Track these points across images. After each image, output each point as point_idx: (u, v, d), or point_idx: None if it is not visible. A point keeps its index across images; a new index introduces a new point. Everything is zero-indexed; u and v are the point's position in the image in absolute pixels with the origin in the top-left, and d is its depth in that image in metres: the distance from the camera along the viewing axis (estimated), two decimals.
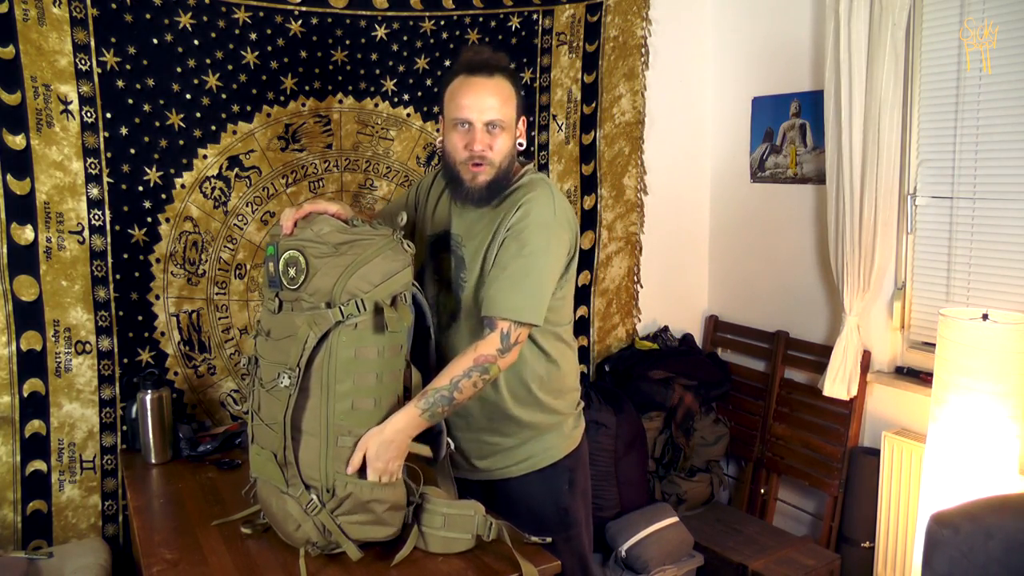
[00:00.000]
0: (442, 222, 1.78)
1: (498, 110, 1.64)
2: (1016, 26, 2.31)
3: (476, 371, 1.57)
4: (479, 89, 1.64)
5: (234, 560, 1.55)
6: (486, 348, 1.58)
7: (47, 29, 2.10)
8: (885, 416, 2.71)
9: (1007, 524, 1.81)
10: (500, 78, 1.66)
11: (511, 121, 1.67)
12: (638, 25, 3.01)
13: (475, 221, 1.72)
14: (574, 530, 1.81)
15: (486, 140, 1.64)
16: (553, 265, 1.65)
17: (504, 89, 1.66)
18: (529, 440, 1.77)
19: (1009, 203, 2.38)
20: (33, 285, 2.16)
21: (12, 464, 2.17)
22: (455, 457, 1.77)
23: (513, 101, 1.67)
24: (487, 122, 1.64)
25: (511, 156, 1.69)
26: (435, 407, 1.55)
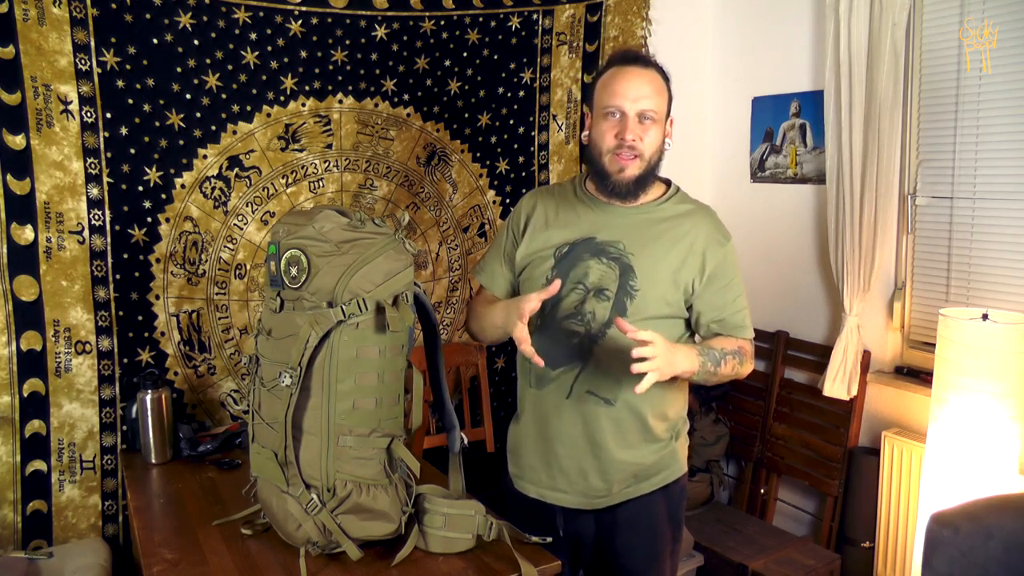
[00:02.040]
0: (578, 229, 1.69)
1: (652, 100, 1.61)
2: (1016, 26, 2.31)
3: (738, 356, 1.68)
4: (634, 78, 1.61)
5: (234, 560, 1.55)
6: (748, 346, 1.72)
7: (47, 29, 2.10)
8: (885, 416, 2.71)
9: (1007, 524, 1.81)
10: (655, 72, 1.64)
11: (662, 114, 1.65)
12: (638, 25, 3.01)
13: (640, 232, 1.66)
14: (678, 545, 1.82)
15: (637, 130, 1.61)
16: None
17: (657, 81, 1.64)
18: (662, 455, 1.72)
19: (1009, 203, 2.38)
20: (33, 285, 2.16)
21: (12, 464, 2.17)
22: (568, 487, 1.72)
23: (665, 95, 1.65)
24: (640, 112, 1.60)
25: (660, 151, 1.66)
26: (708, 361, 1.61)
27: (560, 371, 1.67)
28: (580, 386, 1.66)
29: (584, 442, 1.68)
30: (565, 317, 1.66)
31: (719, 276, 1.69)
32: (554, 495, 1.74)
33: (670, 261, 1.65)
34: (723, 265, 1.70)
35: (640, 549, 1.74)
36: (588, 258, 1.65)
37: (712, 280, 1.68)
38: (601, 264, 1.64)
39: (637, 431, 1.68)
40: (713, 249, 1.68)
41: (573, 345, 1.66)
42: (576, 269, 1.66)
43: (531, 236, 1.74)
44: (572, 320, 1.66)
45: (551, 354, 1.62)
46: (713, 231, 1.71)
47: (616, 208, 1.69)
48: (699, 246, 1.67)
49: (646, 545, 1.74)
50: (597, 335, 1.64)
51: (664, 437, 1.73)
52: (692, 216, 1.71)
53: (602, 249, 1.65)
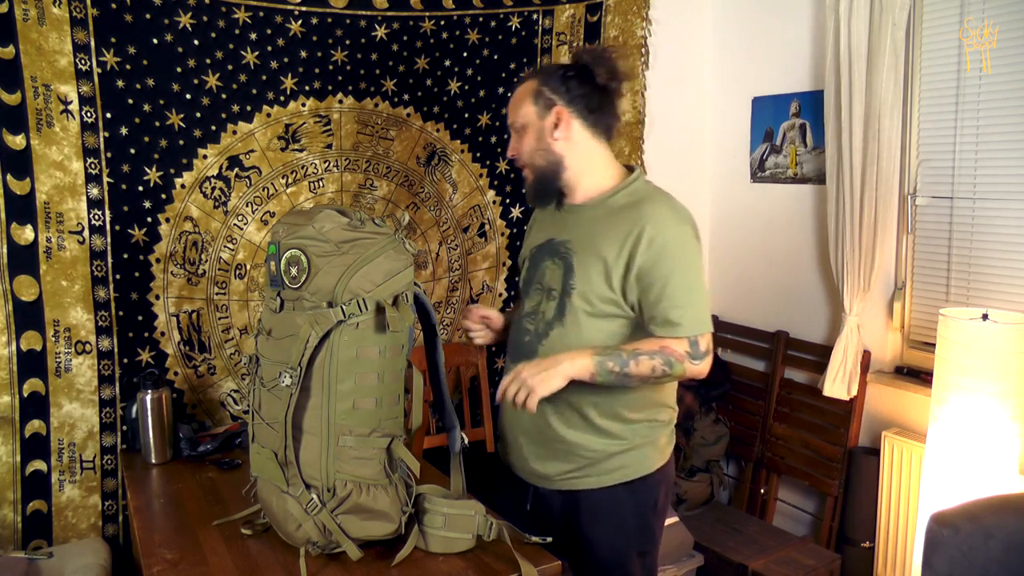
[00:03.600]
0: (543, 232, 1.78)
1: (512, 112, 1.72)
2: (1016, 26, 2.31)
3: (659, 357, 1.58)
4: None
5: (234, 560, 1.55)
6: (675, 345, 1.59)
7: (47, 29, 2.10)
8: (885, 416, 2.71)
9: (1007, 524, 1.81)
10: (526, 82, 1.71)
11: (527, 119, 1.69)
12: (638, 25, 3.01)
13: (587, 229, 1.68)
14: (650, 546, 1.79)
15: (513, 143, 1.74)
16: (700, 271, 1.65)
17: (521, 91, 1.70)
18: (625, 450, 1.71)
19: (1009, 203, 2.38)
20: (33, 285, 2.16)
21: (12, 464, 2.17)
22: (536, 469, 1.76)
23: (528, 101, 1.68)
24: (511, 125, 1.74)
25: (541, 152, 1.69)
26: (609, 363, 1.55)
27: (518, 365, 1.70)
28: None
29: (535, 429, 1.74)
30: (525, 316, 1.76)
31: (652, 268, 1.59)
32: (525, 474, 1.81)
33: (605, 256, 1.62)
34: (661, 255, 1.59)
35: (604, 542, 1.74)
36: (547, 259, 1.73)
37: (644, 272, 1.60)
38: (553, 264, 1.71)
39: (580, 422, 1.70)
40: (649, 238, 1.59)
41: (526, 342, 1.74)
42: (538, 270, 1.75)
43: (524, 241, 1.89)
44: (529, 319, 1.75)
45: (513, 349, 1.77)
46: (650, 222, 1.60)
47: (573, 207, 1.74)
48: (631, 238, 1.60)
49: (609, 539, 1.74)
50: (542, 334, 1.71)
51: (623, 436, 1.70)
52: (641, 205, 1.65)
53: (555, 249, 1.72)
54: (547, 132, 1.68)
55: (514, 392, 1.55)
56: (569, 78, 1.67)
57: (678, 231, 1.62)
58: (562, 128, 1.67)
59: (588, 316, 1.65)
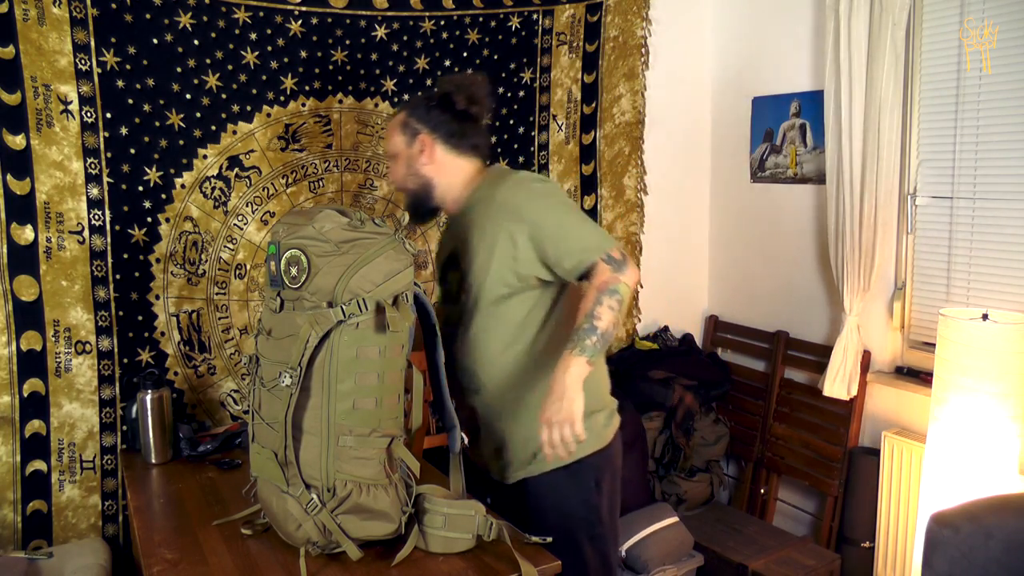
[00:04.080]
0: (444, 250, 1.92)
1: (385, 144, 1.89)
2: (1016, 26, 2.31)
3: (605, 296, 1.63)
4: None
5: (234, 560, 1.55)
6: (600, 277, 1.64)
7: (47, 29, 2.10)
8: (885, 416, 2.71)
9: (1007, 524, 1.81)
10: (396, 115, 1.85)
11: (397, 148, 1.83)
12: (638, 25, 3.01)
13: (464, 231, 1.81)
14: (598, 529, 1.83)
15: (391, 170, 1.88)
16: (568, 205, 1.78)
17: (392, 124, 1.85)
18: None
19: (1009, 203, 2.38)
20: (33, 285, 2.16)
21: (12, 464, 2.17)
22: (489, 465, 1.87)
23: (396, 131, 1.83)
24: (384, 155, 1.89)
25: (411, 176, 1.83)
26: (584, 341, 1.60)
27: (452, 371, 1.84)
28: (459, 381, 1.84)
29: (475, 424, 1.85)
30: (447, 324, 1.84)
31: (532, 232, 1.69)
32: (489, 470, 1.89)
33: (485, 247, 1.74)
34: (529, 216, 1.70)
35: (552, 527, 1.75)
36: (449, 267, 1.87)
37: (530, 240, 1.70)
38: (453, 271, 1.84)
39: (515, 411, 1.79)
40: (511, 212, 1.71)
41: (449, 348, 1.82)
42: (446, 278, 1.88)
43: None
44: (447, 326, 1.84)
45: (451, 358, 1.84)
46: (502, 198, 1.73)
47: (452, 217, 1.89)
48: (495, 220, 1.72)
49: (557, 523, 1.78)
50: (454, 335, 1.82)
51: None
52: (492, 192, 1.76)
53: (451, 257, 1.85)
54: (415, 158, 1.82)
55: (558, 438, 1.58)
56: (432, 107, 1.81)
57: (527, 190, 1.75)
58: (427, 154, 1.81)
59: (489, 305, 1.76)
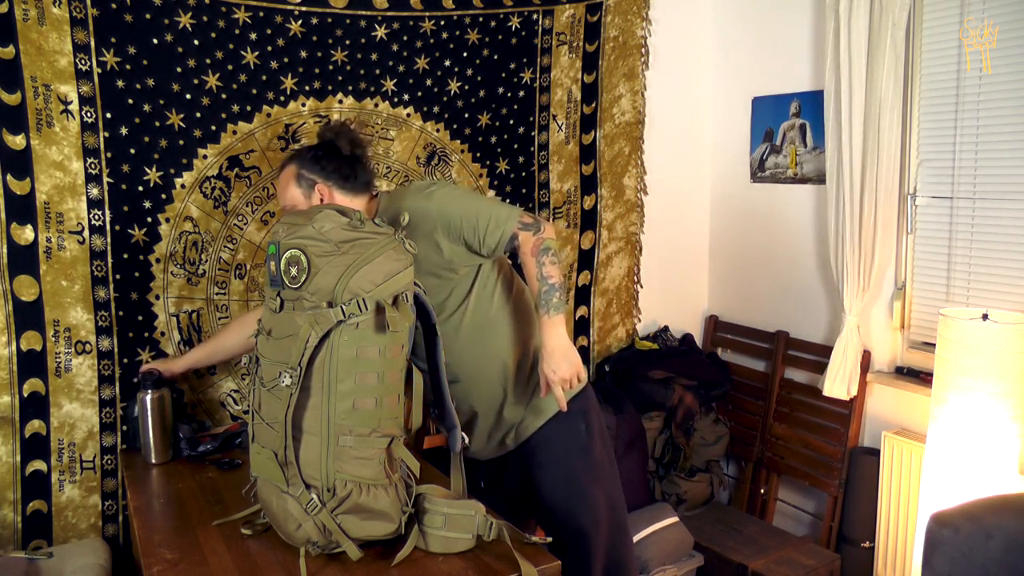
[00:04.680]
0: None
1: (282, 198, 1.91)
2: (1016, 26, 2.31)
3: (543, 256, 1.79)
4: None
5: (234, 560, 1.55)
6: (527, 244, 1.79)
7: (47, 29, 2.10)
8: (885, 416, 2.71)
9: (1007, 524, 1.81)
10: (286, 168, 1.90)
11: (296, 200, 1.87)
12: (638, 25, 3.01)
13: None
14: (600, 471, 1.93)
15: None
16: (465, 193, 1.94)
17: (284, 177, 1.90)
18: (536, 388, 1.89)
19: (1009, 203, 2.38)
20: (33, 285, 2.16)
21: (12, 464, 2.17)
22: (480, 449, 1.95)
23: (291, 184, 1.88)
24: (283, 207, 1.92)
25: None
26: (551, 301, 1.77)
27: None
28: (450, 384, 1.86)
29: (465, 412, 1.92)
30: None
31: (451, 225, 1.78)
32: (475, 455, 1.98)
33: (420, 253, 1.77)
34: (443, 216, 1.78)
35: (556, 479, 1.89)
36: None
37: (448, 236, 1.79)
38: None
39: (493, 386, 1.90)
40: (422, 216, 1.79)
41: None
42: None
43: None
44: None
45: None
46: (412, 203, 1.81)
47: None
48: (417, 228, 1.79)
49: (559, 473, 1.90)
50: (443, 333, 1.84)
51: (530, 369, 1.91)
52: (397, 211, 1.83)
53: None
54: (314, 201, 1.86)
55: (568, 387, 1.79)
56: (320, 157, 1.87)
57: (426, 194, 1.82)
58: (326, 200, 1.86)
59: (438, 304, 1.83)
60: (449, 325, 1.85)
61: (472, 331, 1.86)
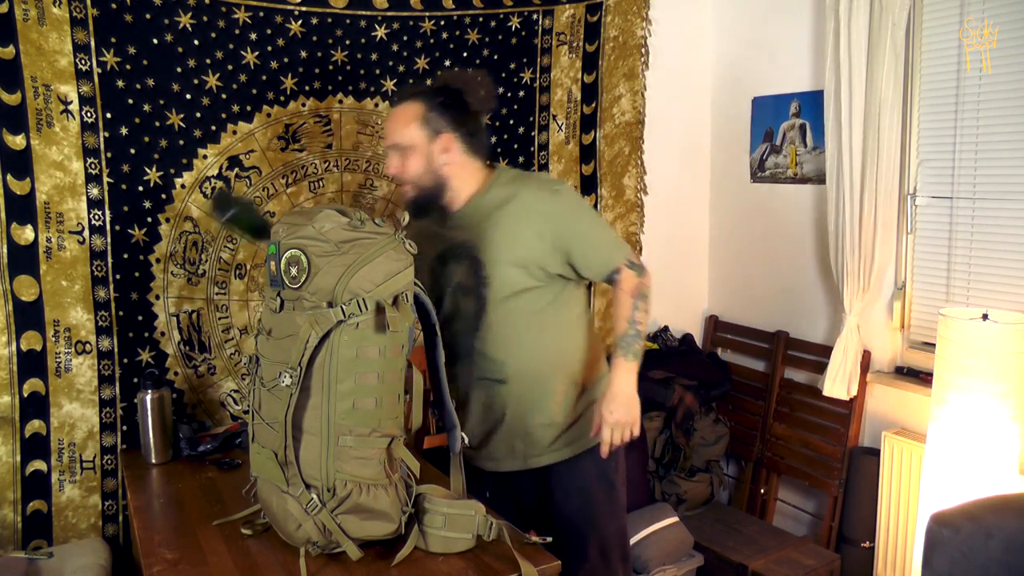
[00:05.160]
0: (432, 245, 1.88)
1: (396, 133, 1.80)
2: (1016, 26, 2.31)
3: (638, 301, 1.83)
4: (388, 118, 1.86)
5: (234, 560, 1.55)
6: (629, 283, 1.83)
7: (47, 29, 2.10)
8: (885, 416, 2.71)
9: (1007, 524, 1.81)
10: (408, 103, 1.81)
11: (414, 142, 1.78)
12: (638, 25, 3.01)
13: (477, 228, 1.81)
14: (617, 505, 1.94)
15: (393, 163, 1.82)
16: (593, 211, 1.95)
17: (403, 116, 1.80)
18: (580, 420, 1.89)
19: (1009, 203, 2.38)
20: (33, 285, 2.16)
21: (12, 464, 2.17)
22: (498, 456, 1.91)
23: (415, 123, 1.78)
24: (390, 146, 1.82)
25: (428, 174, 1.80)
26: (633, 347, 1.80)
27: (460, 365, 1.88)
28: (476, 373, 1.87)
29: (496, 417, 1.88)
30: (449, 319, 1.87)
31: (564, 228, 1.79)
32: (490, 463, 1.93)
33: (508, 240, 1.79)
34: (561, 218, 1.80)
35: (575, 511, 1.88)
36: (450, 264, 1.86)
37: (560, 235, 1.79)
38: (458, 266, 1.85)
39: (541, 399, 1.86)
40: (544, 210, 1.79)
41: (460, 342, 1.87)
42: (444, 276, 1.87)
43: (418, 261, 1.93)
44: (455, 321, 1.87)
45: (451, 352, 1.85)
46: (536, 195, 1.81)
47: (455, 216, 1.86)
48: (530, 215, 1.79)
49: (580, 506, 1.89)
50: (474, 328, 1.83)
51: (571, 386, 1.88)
52: (516, 196, 1.81)
53: (455, 253, 1.85)
54: (434, 157, 1.80)
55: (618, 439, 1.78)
56: (449, 105, 1.80)
57: (554, 194, 1.83)
58: (450, 154, 1.80)
59: (506, 298, 1.80)
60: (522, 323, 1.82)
61: (544, 337, 1.84)
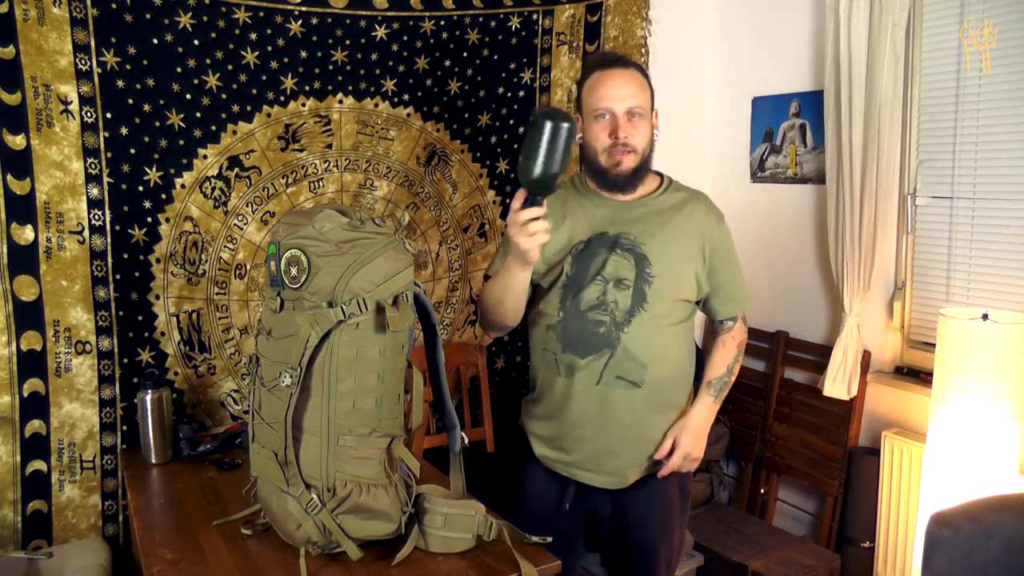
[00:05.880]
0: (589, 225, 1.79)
1: (636, 97, 1.74)
2: (1016, 26, 2.31)
3: (740, 354, 1.90)
4: (617, 79, 1.74)
5: (234, 560, 1.54)
6: (740, 335, 1.90)
7: (47, 29, 2.10)
8: (885, 416, 2.71)
9: (1007, 524, 1.81)
10: (634, 70, 1.77)
11: (648, 109, 1.77)
12: (638, 25, 3.01)
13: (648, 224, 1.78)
14: (686, 516, 1.98)
15: (628, 127, 1.74)
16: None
17: (639, 79, 1.77)
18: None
19: (1009, 203, 2.38)
20: (33, 285, 2.16)
21: (12, 464, 2.17)
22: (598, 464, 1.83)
23: (648, 91, 1.78)
24: (628, 110, 1.73)
25: (651, 143, 1.80)
26: (722, 391, 1.86)
27: (589, 359, 1.77)
28: (609, 372, 1.76)
29: (615, 424, 1.78)
30: (589, 308, 1.76)
31: (719, 255, 1.83)
32: (581, 473, 1.84)
33: (679, 246, 1.79)
34: (721, 244, 1.83)
35: (653, 521, 1.87)
36: (604, 251, 1.76)
37: (714, 259, 1.82)
38: (617, 256, 1.76)
39: (661, 408, 1.82)
40: (710, 231, 1.82)
41: (600, 334, 1.76)
42: (594, 262, 1.76)
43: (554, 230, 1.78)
44: (597, 310, 1.76)
45: (579, 344, 1.77)
46: (708, 214, 1.84)
47: (621, 203, 1.81)
48: (698, 229, 1.81)
49: (660, 517, 1.88)
50: (623, 323, 1.75)
51: (680, 403, 1.87)
52: (688, 203, 1.83)
53: (616, 242, 1.77)
54: (653, 123, 1.81)
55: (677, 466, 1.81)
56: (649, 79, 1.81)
57: (725, 223, 1.87)
58: (658, 127, 1.83)
59: (669, 303, 1.77)
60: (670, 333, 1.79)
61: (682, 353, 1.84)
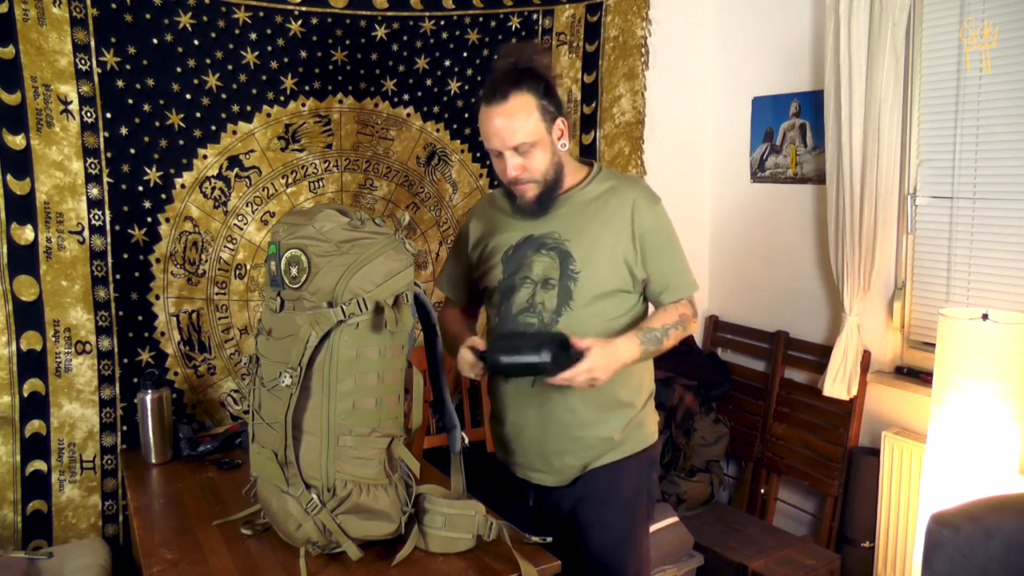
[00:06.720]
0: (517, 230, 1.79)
1: (520, 131, 1.64)
2: (1016, 26, 2.31)
3: (680, 325, 1.75)
4: (496, 119, 1.65)
5: (234, 560, 1.55)
6: (685, 309, 1.78)
7: (47, 29, 2.10)
8: (885, 416, 2.71)
9: (1007, 524, 1.81)
10: (516, 97, 1.64)
11: (538, 134, 1.66)
12: (638, 25, 3.01)
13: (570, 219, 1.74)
14: (650, 522, 1.90)
15: (518, 166, 1.68)
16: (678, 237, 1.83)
17: (522, 107, 1.64)
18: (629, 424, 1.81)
19: (1009, 203, 2.38)
20: (33, 285, 2.16)
21: (12, 464, 2.17)
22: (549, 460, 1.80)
23: (534, 114, 1.65)
24: (514, 147, 1.66)
25: (553, 164, 1.71)
26: (649, 344, 1.70)
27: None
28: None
29: (555, 425, 1.77)
30: (520, 311, 1.76)
31: (652, 239, 1.74)
32: (533, 474, 1.83)
33: (604, 239, 1.73)
34: (654, 229, 1.75)
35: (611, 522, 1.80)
36: (531, 253, 1.76)
37: (646, 246, 1.74)
38: (542, 256, 1.75)
39: (601, 404, 1.77)
40: (641, 216, 1.73)
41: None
42: (522, 266, 1.76)
43: (479, 248, 1.85)
44: (526, 313, 1.76)
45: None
46: (639, 199, 1.75)
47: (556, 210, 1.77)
48: (627, 216, 1.73)
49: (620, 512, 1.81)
50: (550, 323, 1.73)
51: (631, 402, 1.81)
52: (617, 191, 1.76)
53: (541, 242, 1.75)
54: (555, 144, 1.71)
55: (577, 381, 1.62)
56: (548, 86, 1.69)
57: (660, 206, 1.78)
58: (564, 136, 1.72)
59: (596, 298, 1.73)
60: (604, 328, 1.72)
61: None
